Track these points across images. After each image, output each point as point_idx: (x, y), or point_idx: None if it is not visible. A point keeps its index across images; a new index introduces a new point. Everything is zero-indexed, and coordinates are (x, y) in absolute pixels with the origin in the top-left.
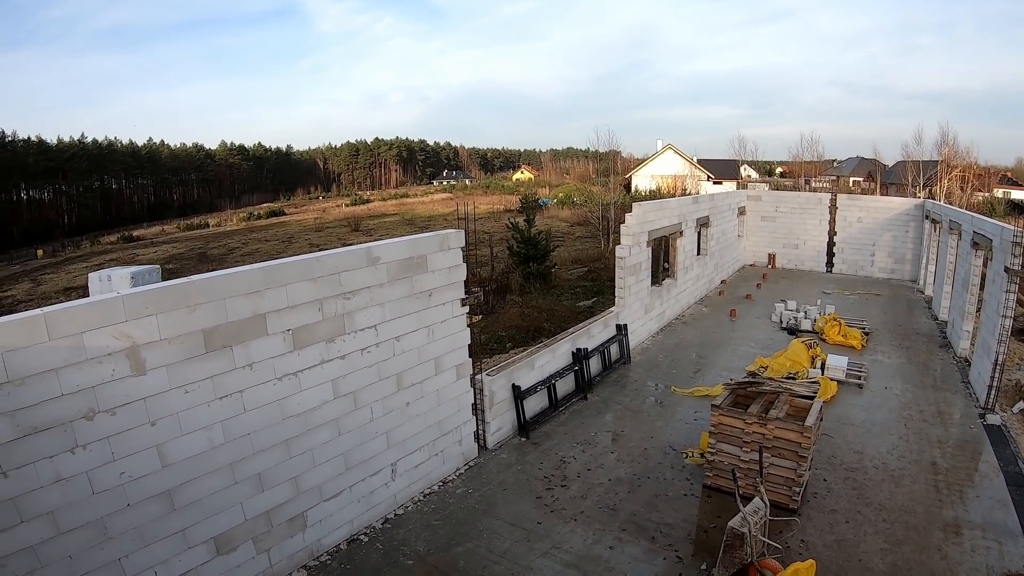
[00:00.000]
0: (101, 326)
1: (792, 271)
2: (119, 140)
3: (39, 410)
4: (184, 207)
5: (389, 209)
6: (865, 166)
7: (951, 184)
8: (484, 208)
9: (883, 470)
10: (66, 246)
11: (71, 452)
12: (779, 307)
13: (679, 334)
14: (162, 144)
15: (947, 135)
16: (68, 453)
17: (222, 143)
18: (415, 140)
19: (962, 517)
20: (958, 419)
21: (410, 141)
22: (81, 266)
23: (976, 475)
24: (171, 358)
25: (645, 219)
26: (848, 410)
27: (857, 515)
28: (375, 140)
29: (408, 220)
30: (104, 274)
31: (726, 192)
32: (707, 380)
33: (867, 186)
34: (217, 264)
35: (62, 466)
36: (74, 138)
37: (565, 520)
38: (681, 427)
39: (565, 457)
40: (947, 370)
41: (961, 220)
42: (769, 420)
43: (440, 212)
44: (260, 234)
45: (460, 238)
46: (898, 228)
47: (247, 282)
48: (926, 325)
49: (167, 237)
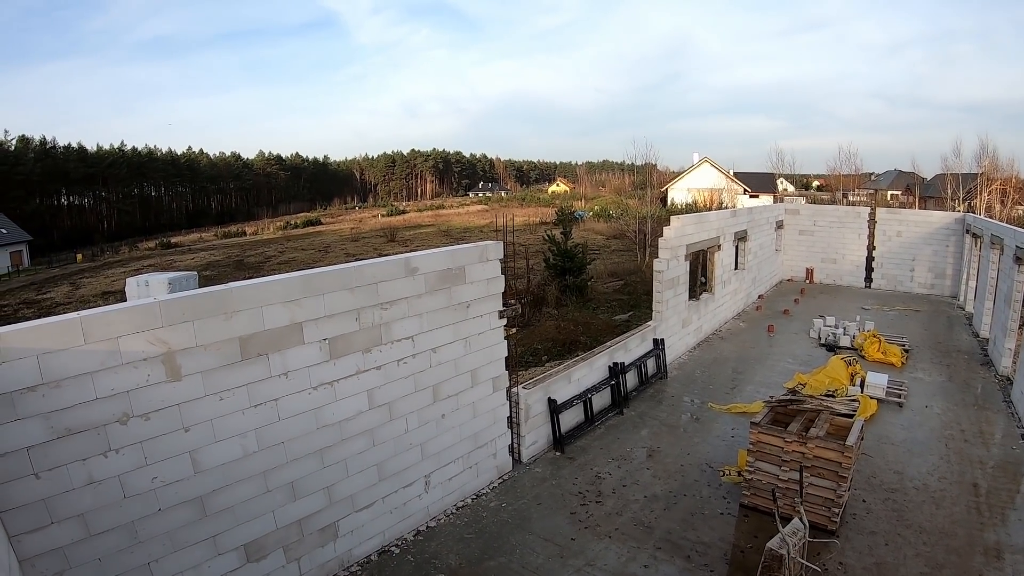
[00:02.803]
0: (137, 331)
1: (830, 286)
2: (159, 148)
3: (74, 413)
4: (222, 215)
5: (425, 220)
6: (903, 179)
7: (991, 198)
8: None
9: (923, 491)
10: (105, 251)
11: (104, 456)
12: (817, 323)
13: (716, 349)
14: (201, 153)
15: (987, 147)
16: (101, 456)
17: (260, 153)
18: (451, 151)
19: (1004, 541)
20: (1000, 439)
21: (446, 152)
22: (119, 271)
23: (1018, 497)
24: (207, 365)
25: (683, 233)
26: (888, 429)
27: (897, 537)
28: (411, 151)
29: (444, 231)
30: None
31: (764, 206)
32: (744, 396)
33: (905, 200)
34: (254, 272)
35: (95, 469)
36: (114, 146)
37: (599, 537)
38: (718, 444)
39: (600, 472)
40: (988, 389)
41: (1003, 234)
42: (809, 439)
43: (476, 224)
44: (296, 243)
45: (499, 250)
46: (938, 243)
47: (285, 290)
48: (967, 342)
49: (204, 244)
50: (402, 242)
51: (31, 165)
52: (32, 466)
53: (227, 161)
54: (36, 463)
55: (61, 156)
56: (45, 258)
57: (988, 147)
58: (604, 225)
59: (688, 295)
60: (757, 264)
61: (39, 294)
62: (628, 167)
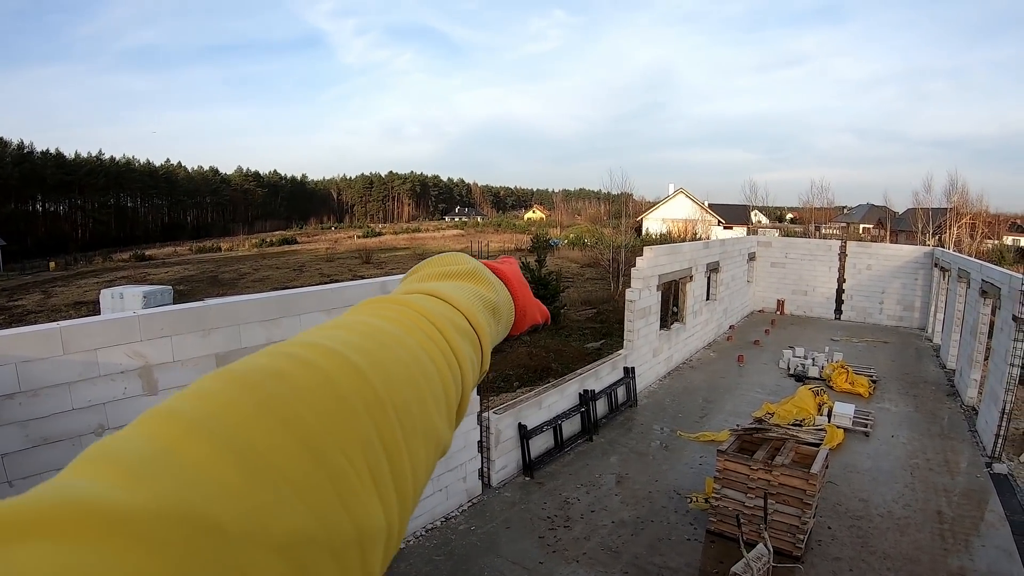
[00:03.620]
0: (116, 344)
1: (801, 317)
2: (137, 159)
3: (50, 422)
4: (197, 229)
5: (400, 243)
6: (875, 213)
7: (960, 232)
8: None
9: (888, 518)
10: (79, 260)
11: None
12: (787, 353)
13: (687, 378)
14: (179, 166)
15: (956, 182)
16: None
17: (238, 168)
18: (429, 175)
19: (967, 566)
20: (965, 468)
21: (424, 176)
22: (92, 281)
23: (982, 524)
24: (183, 380)
25: (656, 263)
26: (854, 458)
27: (861, 563)
28: (389, 173)
29: (419, 255)
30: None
31: (737, 238)
32: (713, 425)
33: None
34: (228, 288)
35: None
36: (92, 154)
37: (567, 561)
38: (686, 471)
39: (569, 498)
40: (954, 419)
41: (970, 268)
42: (775, 467)
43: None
44: (271, 261)
45: None
46: (907, 276)
47: (262, 309)
48: (934, 373)
49: (179, 258)
50: (377, 264)
51: (8, 169)
52: (7, 474)
53: (205, 175)
54: (11, 471)
55: (39, 161)
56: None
57: (958, 182)
58: (579, 253)
59: (660, 325)
60: (729, 295)
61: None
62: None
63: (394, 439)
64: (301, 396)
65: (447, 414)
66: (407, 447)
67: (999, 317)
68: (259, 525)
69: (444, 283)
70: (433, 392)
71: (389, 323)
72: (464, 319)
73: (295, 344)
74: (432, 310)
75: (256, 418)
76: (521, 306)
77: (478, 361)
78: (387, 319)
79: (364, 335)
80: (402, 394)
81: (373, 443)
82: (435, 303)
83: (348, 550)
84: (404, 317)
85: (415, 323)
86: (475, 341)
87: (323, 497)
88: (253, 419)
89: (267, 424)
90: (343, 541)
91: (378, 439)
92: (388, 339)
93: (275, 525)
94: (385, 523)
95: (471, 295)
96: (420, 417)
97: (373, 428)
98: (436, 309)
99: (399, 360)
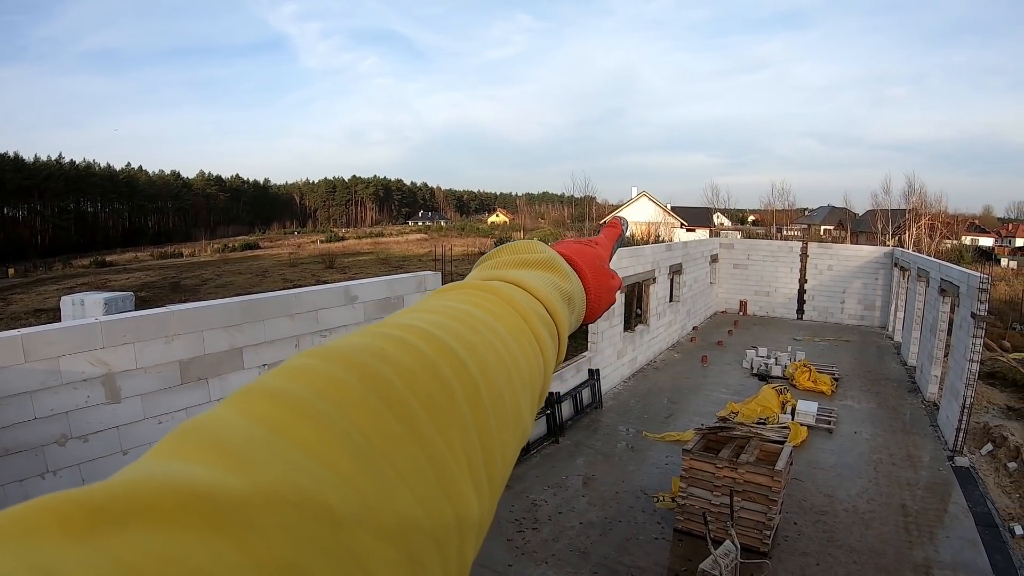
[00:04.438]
0: (79, 351)
1: (763, 318)
2: (97, 163)
3: (11, 432)
4: (159, 235)
5: (364, 247)
6: (836, 215)
7: (920, 232)
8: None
9: (853, 513)
10: (38, 267)
11: (41, 477)
12: (750, 353)
13: (651, 379)
14: (140, 170)
15: (914, 184)
16: (38, 478)
17: (200, 173)
18: (392, 179)
19: (932, 558)
20: (927, 462)
21: (387, 180)
22: (52, 288)
23: (946, 516)
24: (147, 387)
25: (619, 266)
26: (818, 455)
27: (828, 557)
28: (352, 178)
29: (383, 259)
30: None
31: (699, 240)
32: (679, 425)
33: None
34: (190, 294)
35: (32, 490)
36: (51, 158)
37: (536, 563)
38: (653, 471)
39: (536, 500)
40: (916, 414)
41: (929, 267)
42: (740, 464)
43: (415, 252)
44: (234, 266)
45: (437, 280)
46: (868, 276)
47: (225, 315)
48: (895, 370)
49: (140, 264)
50: (340, 269)
51: None
52: None
53: (166, 179)
54: None
55: None
56: None
57: (916, 184)
58: None
59: (623, 327)
60: (692, 296)
61: None
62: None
63: (487, 426)
64: (405, 378)
65: (532, 404)
66: (498, 435)
67: (958, 314)
68: (370, 511)
69: (523, 271)
70: (522, 380)
71: (478, 309)
72: (544, 309)
73: (392, 325)
74: (517, 298)
75: (362, 399)
76: (594, 296)
77: (555, 352)
78: (477, 305)
79: (457, 319)
80: (495, 381)
81: (469, 430)
82: (518, 291)
83: (449, 537)
84: (493, 304)
85: (503, 311)
86: (554, 331)
87: (427, 484)
88: (359, 400)
89: (373, 406)
90: (445, 528)
91: (473, 426)
92: (480, 324)
93: (385, 511)
94: (479, 511)
95: (549, 285)
96: (511, 405)
97: (470, 414)
98: (520, 297)
99: (491, 346)
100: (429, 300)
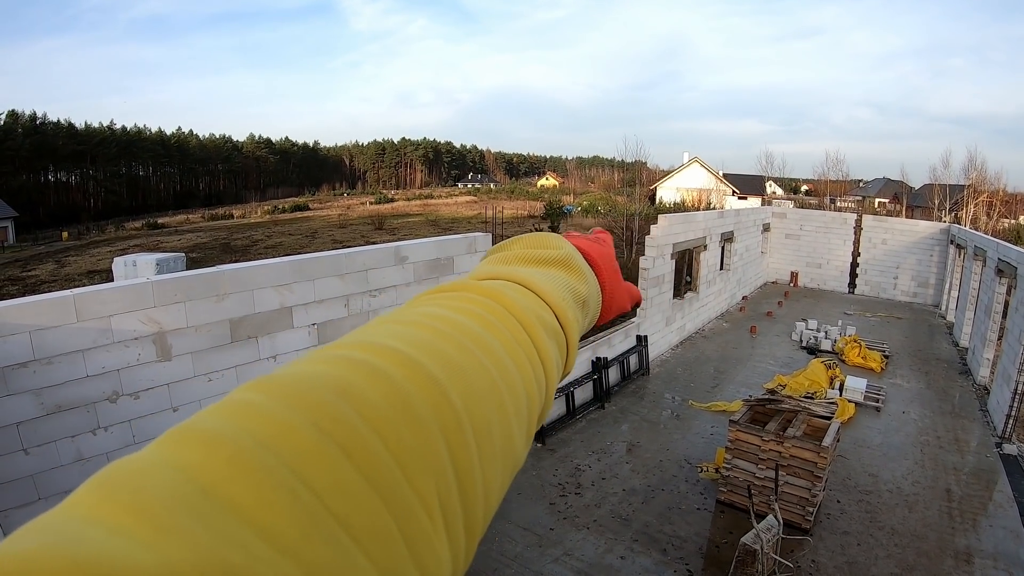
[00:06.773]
0: (130, 310)
1: (814, 290)
2: (148, 128)
3: (64, 390)
4: (209, 197)
5: (413, 209)
6: (891, 188)
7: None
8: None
9: (897, 494)
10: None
11: (93, 433)
12: (799, 326)
13: (699, 348)
14: (190, 134)
15: (975, 160)
16: (90, 434)
17: (250, 136)
18: (442, 141)
19: (974, 546)
20: (975, 447)
21: (436, 142)
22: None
23: (990, 504)
24: (197, 346)
25: (671, 231)
26: (865, 433)
27: (869, 538)
28: (402, 140)
29: (432, 221)
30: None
31: (752, 208)
32: (725, 395)
33: (893, 208)
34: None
35: (83, 446)
36: (103, 124)
37: (578, 528)
38: (697, 441)
39: (580, 465)
40: (965, 397)
41: (986, 246)
42: (786, 438)
43: (464, 215)
44: (284, 228)
45: (487, 241)
46: (922, 252)
47: (276, 274)
48: (946, 351)
49: (191, 226)
50: (390, 230)
51: (20, 140)
52: (21, 442)
53: (217, 143)
54: (25, 439)
55: (50, 132)
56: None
57: (976, 160)
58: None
59: (673, 294)
60: (742, 265)
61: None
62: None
63: (469, 467)
64: (371, 418)
65: (527, 430)
66: (482, 473)
67: (1015, 297)
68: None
69: (534, 270)
70: (516, 407)
71: (472, 319)
72: (553, 316)
73: (362, 346)
74: (520, 304)
75: (316, 448)
76: (609, 296)
77: (562, 363)
78: (469, 314)
79: (442, 334)
80: (482, 411)
81: (446, 474)
82: (523, 295)
83: None
84: (489, 312)
85: (500, 320)
86: (562, 341)
87: (390, 548)
88: (312, 449)
89: (329, 456)
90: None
91: (452, 469)
92: (470, 340)
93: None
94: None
95: (563, 287)
96: (500, 437)
97: (447, 455)
98: (524, 303)
99: (482, 368)
100: (416, 303)
